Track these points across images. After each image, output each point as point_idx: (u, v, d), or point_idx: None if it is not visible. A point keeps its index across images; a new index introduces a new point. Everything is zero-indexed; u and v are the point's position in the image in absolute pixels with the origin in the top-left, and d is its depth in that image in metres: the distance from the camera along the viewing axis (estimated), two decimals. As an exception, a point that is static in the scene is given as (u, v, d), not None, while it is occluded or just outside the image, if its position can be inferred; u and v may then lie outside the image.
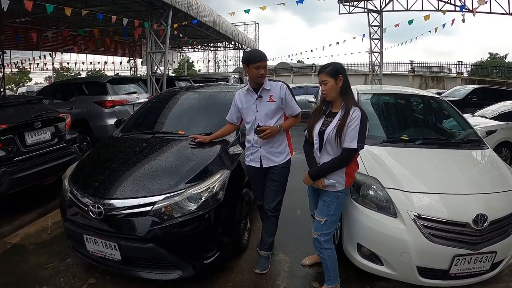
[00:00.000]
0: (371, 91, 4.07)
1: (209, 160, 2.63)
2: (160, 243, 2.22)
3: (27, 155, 4.01)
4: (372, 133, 3.11)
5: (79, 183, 2.60)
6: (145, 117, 3.76)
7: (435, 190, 2.28)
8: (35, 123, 4.20)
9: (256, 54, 2.50)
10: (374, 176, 2.41)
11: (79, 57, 20.14)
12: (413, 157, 2.76)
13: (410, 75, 20.73)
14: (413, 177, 2.43)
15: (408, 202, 2.21)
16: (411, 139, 2.95)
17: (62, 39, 14.62)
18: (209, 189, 2.38)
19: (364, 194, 2.39)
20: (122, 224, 2.27)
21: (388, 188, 2.31)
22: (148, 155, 2.78)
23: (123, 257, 2.28)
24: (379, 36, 15.53)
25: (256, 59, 2.44)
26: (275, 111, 2.52)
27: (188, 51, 27.52)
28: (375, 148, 2.83)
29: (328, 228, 2.26)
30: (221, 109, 3.50)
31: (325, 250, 2.28)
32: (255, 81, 2.50)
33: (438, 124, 3.67)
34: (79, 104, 6.82)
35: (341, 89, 2.16)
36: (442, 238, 2.10)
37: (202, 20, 10.09)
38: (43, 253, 3.00)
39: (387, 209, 2.25)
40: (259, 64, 2.43)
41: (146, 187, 2.35)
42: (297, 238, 3.27)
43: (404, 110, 3.64)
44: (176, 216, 2.26)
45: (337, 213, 2.29)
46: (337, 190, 2.19)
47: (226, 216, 2.50)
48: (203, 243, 2.38)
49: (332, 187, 2.19)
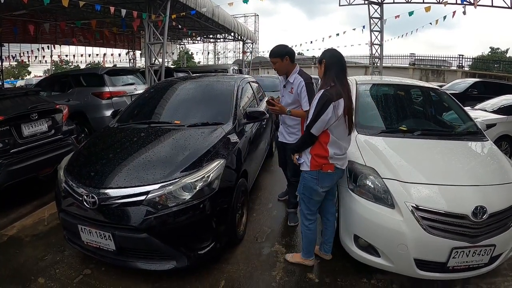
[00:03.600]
0: (370, 81, 4.01)
1: (204, 149, 2.60)
2: (154, 233, 2.20)
3: (23, 147, 3.99)
4: (371, 123, 3.11)
5: (74, 173, 2.58)
6: (141, 107, 3.73)
7: (434, 181, 2.23)
8: (31, 114, 4.18)
9: (271, 51, 2.97)
10: (371, 166, 2.38)
11: (78, 50, 20.04)
12: (412, 148, 2.71)
13: (410, 68, 20.60)
14: (412, 167, 2.39)
15: (406, 193, 2.17)
16: (410, 130, 2.90)
17: (61, 32, 14.47)
18: (204, 178, 2.35)
19: (361, 184, 2.35)
20: (116, 214, 2.25)
21: (385, 179, 2.27)
22: (143, 145, 2.75)
23: (118, 248, 2.27)
24: (379, 28, 15.37)
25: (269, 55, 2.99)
26: (293, 102, 2.96)
27: (188, 42, 27.32)
28: (373, 138, 2.79)
29: (302, 205, 2.45)
30: (218, 98, 3.49)
31: (302, 225, 2.51)
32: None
33: (437, 115, 3.63)
34: (76, 96, 6.75)
35: None
36: (440, 230, 2.07)
37: (201, 10, 9.95)
38: (40, 245, 3.00)
39: (385, 200, 2.21)
40: (271, 60, 2.98)
41: (140, 176, 2.33)
42: (293, 229, 3.26)
43: (404, 101, 3.59)
44: (171, 206, 2.23)
45: (306, 194, 2.36)
46: (303, 170, 2.34)
47: (221, 206, 2.48)
48: (198, 233, 2.36)
49: (303, 166, 2.34)
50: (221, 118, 3.15)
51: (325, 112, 2.08)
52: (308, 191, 2.34)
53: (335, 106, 2.08)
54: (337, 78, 2.15)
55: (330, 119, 2.10)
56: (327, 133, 2.18)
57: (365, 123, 3.07)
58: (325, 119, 2.09)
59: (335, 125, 2.15)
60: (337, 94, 2.10)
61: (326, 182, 2.28)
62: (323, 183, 2.28)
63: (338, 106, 2.09)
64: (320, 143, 2.20)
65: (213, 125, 3.03)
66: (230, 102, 3.35)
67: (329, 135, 2.18)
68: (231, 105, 3.31)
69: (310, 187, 2.31)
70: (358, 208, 2.29)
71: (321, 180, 2.27)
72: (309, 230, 2.46)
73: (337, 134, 2.19)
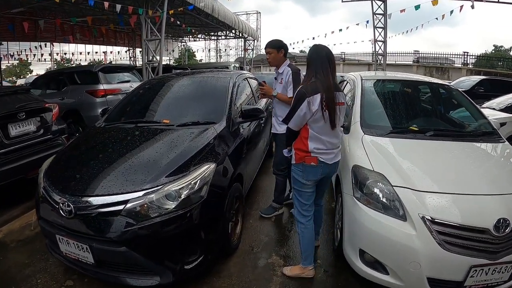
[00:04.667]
0: (376, 77, 3.75)
1: (192, 152, 2.35)
2: (134, 247, 1.98)
3: (11, 148, 3.86)
4: (377, 122, 2.85)
5: (52, 178, 2.38)
6: (130, 105, 3.49)
7: (451, 190, 1.96)
8: (19, 114, 4.04)
9: (268, 42, 3.16)
10: (380, 172, 2.11)
11: (77, 48, 19.94)
12: (425, 151, 2.43)
13: (414, 65, 20.22)
14: (426, 173, 2.12)
15: (420, 203, 1.90)
16: (421, 130, 2.63)
17: (60, 29, 14.30)
18: (190, 185, 2.11)
19: (368, 192, 2.08)
20: (93, 224, 2.04)
21: (396, 186, 2.00)
22: (126, 148, 2.51)
23: (96, 260, 2.06)
24: (383, 24, 15.02)
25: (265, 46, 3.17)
26: (283, 92, 3.09)
27: (189, 40, 27.10)
28: (381, 140, 2.52)
29: (295, 201, 2.38)
30: (211, 96, 3.25)
31: (297, 222, 2.41)
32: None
33: (448, 114, 3.35)
34: (71, 94, 6.61)
35: None
36: (457, 246, 1.81)
37: (199, 5, 9.68)
38: (24, 251, 2.84)
39: (395, 211, 1.95)
40: (265, 50, 3.18)
41: (119, 183, 2.10)
42: (291, 239, 3.01)
43: (412, 97, 3.33)
44: (153, 216, 1.99)
45: (296, 187, 2.33)
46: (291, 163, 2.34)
47: (211, 216, 2.24)
48: (184, 246, 2.13)
49: (291, 159, 2.34)
50: (213, 116, 2.90)
51: (300, 108, 2.08)
52: (296, 184, 2.33)
53: (310, 101, 2.05)
54: (317, 73, 2.12)
55: (305, 114, 2.09)
56: (306, 128, 2.17)
57: (371, 122, 2.81)
58: (300, 114, 2.09)
59: (312, 121, 2.12)
60: (313, 89, 2.06)
61: (311, 175, 2.23)
62: (307, 176, 2.24)
63: (312, 101, 2.05)
64: (301, 138, 2.21)
65: (205, 124, 2.78)
66: (224, 100, 3.10)
67: (308, 130, 2.16)
68: (225, 103, 3.05)
69: (297, 180, 2.30)
70: (364, 219, 2.02)
71: (306, 172, 2.23)
72: (306, 228, 2.35)
73: (317, 130, 2.14)
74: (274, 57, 3.11)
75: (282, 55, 3.12)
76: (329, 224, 3.16)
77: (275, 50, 3.08)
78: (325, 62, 2.14)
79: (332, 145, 2.20)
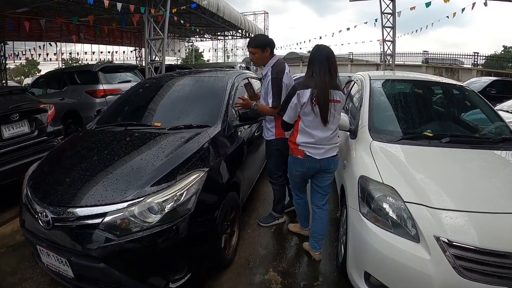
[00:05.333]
0: (385, 77, 3.50)
1: (180, 159, 2.14)
2: (113, 263, 1.80)
3: (3, 150, 3.78)
4: (387, 127, 2.59)
5: (33, 184, 2.23)
6: (123, 107, 3.30)
7: (470, 208, 1.70)
8: (12, 115, 3.94)
9: (250, 40, 2.83)
10: (390, 185, 1.85)
11: (83, 47, 19.99)
12: (440, 160, 2.16)
13: (423, 65, 19.75)
14: (442, 188, 1.84)
15: (436, 222, 1.65)
16: (437, 136, 2.37)
17: (65, 29, 14.30)
18: (175, 197, 1.90)
19: (376, 208, 1.83)
20: (71, 237, 1.87)
21: (409, 203, 1.74)
22: (111, 153, 2.31)
23: (76, 275, 1.91)
24: (391, 24, 14.64)
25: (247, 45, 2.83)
26: (265, 95, 2.76)
27: (196, 40, 26.99)
28: (392, 147, 2.26)
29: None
30: (207, 97, 3.03)
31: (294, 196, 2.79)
32: None
33: (464, 117, 3.08)
34: (71, 94, 6.52)
35: None
36: (478, 272, 1.55)
37: (202, 3, 9.47)
38: (13, 257, 2.75)
39: (407, 231, 1.70)
40: (249, 50, 2.80)
41: (98, 193, 1.91)
42: (291, 253, 2.78)
43: (424, 99, 3.06)
44: (134, 231, 1.80)
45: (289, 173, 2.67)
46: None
47: (200, 229, 2.04)
48: (170, 262, 1.94)
49: None
50: (208, 119, 2.69)
51: (291, 100, 2.27)
52: (289, 172, 2.63)
53: (299, 94, 2.23)
54: (314, 72, 2.26)
55: (296, 105, 2.26)
56: (298, 122, 2.34)
57: (381, 126, 2.56)
58: (292, 106, 2.28)
59: (303, 113, 2.28)
60: (305, 85, 2.25)
61: (298, 166, 2.42)
62: (296, 167, 2.44)
63: (302, 95, 2.23)
64: (293, 130, 2.41)
65: (198, 128, 2.58)
66: (220, 101, 2.87)
67: (299, 123, 2.34)
68: (221, 105, 2.83)
69: (290, 168, 2.56)
70: (371, 238, 1.77)
71: (294, 163, 2.44)
72: (298, 204, 2.79)
73: (307, 123, 2.28)
74: (258, 57, 2.78)
75: (268, 54, 2.77)
76: (333, 236, 2.94)
77: (259, 50, 2.74)
78: (323, 62, 2.26)
79: (322, 140, 2.28)
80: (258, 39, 2.84)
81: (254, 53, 2.76)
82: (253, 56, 2.78)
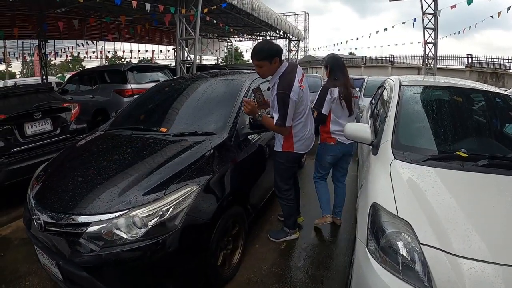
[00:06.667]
0: (418, 82, 3.10)
1: (174, 170, 2.00)
2: (95, 274, 1.74)
3: (25, 146, 3.94)
4: (414, 143, 2.18)
5: (35, 186, 2.26)
6: (135, 110, 3.22)
7: (504, 259, 1.29)
8: (35, 113, 4.09)
9: (254, 51, 2.38)
10: (406, 219, 1.49)
11: (123, 46, 20.80)
12: (474, 190, 1.73)
13: (467, 70, 18.13)
14: (470, 229, 1.42)
15: (455, 274, 1.28)
16: (472, 157, 1.91)
17: (105, 29, 14.92)
18: (161, 212, 1.77)
19: (385, 246, 1.47)
20: (59, 242, 1.87)
21: (425, 245, 1.38)
22: (109, 159, 2.25)
23: (65, 278, 1.90)
24: (433, 25, 13.59)
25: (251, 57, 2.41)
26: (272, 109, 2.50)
27: (235, 40, 27.14)
28: (416, 169, 1.84)
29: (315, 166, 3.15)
30: (218, 102, 2.86)
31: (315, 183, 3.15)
32: None
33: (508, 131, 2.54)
34: (100, 92, 6.72)
35: None
36: None
37: (232, 2, 9.31)
38: (24, 251, 2.82)
39: (419, 279, 1.34)
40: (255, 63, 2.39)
41: (85, 201, 1.86)
42: (298, 274, 2.51)
43: (462, 110, 2.61)
44: (118, 244, 1.72)
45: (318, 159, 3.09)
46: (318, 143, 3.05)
47: (189, 247, 1.89)
48: (154, 280, 1.82)
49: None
50: (214, 127, 2.52)
51: (326, 96, 2.82)
52: (319, 157, 3.06)
53: (331, 91, 2.83)
54: (336, 76, 2.88)
55: (329, 100, 2.82)
56: (330, 114, 2.88)
57: (407, 142, 2.16)
58: (327, 100, 2.82)
59: (333, 108, 2.85)
60: (333, 84, 2.85)
61: (331, 151, 2.95)
62: (328, 152, 2.96)
63: (333, 91, 2.82)
64: (327, 121, 2.91)
65: (203, 135, 2.42)
66: (230, 107, 2.67)
67: (330, 115, 2.88)
68: (231, 111, 2.63)
69: (320, 154, 3.04)
70: (375, 283, 1.42)
71: (327, 149, 2.96)
72: (320, 184, 3.09)
73: (336, 114, 2.87)
74: (266, 70, 2.38)
75: (277, 64, 2.36)
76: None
77: (267, 62, 2.32)
78: (342, 67, 2.94)
79: None
80: (264, 50, 2.34)
81: (261, 66, 2.35)
82: (260, 69, 2.38)
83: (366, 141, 2.35)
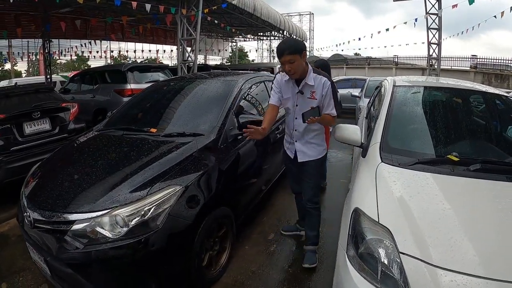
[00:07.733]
0: (413, 83, 3.02)
1: (159, 170, 2.02)
2: (80, 271, 1.79)
3: (24, 145, 4.00)
4: (404, 145, 2.11)
5: (27, 184, 2.34)
6: (128, 110, 3.26)
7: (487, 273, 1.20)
8: (34, 113, 4.15)
9: (278, 48, 2.18)
10: (386, 227, 1.42)
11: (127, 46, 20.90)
12: (463, 196, 1.64)
13: (471, 71, 17.85)
14: (454, 239, 1.33)
15: (435, 286, 1.21)
16: (463, 161, 1.80)
17: (109, 29, 15.02)
18: (142, 212, 1.80)
19: (364, 253, 1.42)
20: (46, 239, 1.92)
21: (404, 254, 1.31)
22: (97, 159, 2.30)
23: (53, 274, 1.95)
24: (437, 25, 13.42)
25: (278, 54, 2.17)
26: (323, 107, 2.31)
27: (240, 40, 27.14)
28: (403, 173, 1.77)
29: None
30: (208, 102, 2.87)
31: None
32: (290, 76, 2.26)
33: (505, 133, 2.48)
34: (101, 92, 6.79)
35: None
36: None
37: (232, 2, 9.28)
38: (20, 247, 2.82)
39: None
40: (281, 60, 2.15)
41: (70, 200, 1.91)
42: (283, 276, 2.48)
43: (458, 112, 2.54)
44: (101, 242, 1.76)
45: None
46: None
47: (171, 247, 1.90)
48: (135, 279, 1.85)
49: None
50: (203, 127, 2.51)
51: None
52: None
53: None
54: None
55: None
56: None
57: (396, 144, 2.10)
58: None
59: None
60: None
61: None
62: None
63: None
64: None
65: (191, 136, 2.42)
66: (219, 108, 2.67)
67: None
68: (220, 112, 2.62)
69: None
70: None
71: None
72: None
73: None
74: (298, 65, 2.15)
75: (305, 58, 2.20)
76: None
77: (298, 56, 2.12)
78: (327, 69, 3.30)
79: None
80: (292, 44, 2.17)
81: (293, 61, 2.12)
82: (292, 65, 2.13)
83: (356, 143, 2.31)
